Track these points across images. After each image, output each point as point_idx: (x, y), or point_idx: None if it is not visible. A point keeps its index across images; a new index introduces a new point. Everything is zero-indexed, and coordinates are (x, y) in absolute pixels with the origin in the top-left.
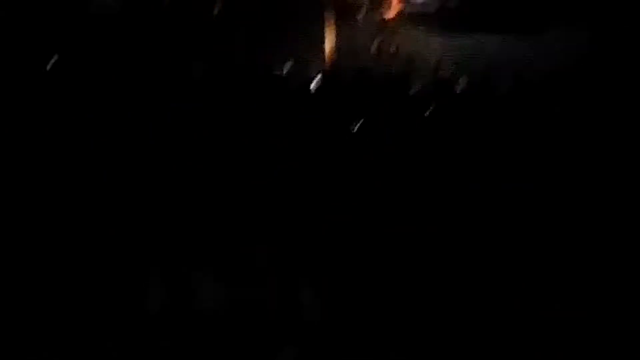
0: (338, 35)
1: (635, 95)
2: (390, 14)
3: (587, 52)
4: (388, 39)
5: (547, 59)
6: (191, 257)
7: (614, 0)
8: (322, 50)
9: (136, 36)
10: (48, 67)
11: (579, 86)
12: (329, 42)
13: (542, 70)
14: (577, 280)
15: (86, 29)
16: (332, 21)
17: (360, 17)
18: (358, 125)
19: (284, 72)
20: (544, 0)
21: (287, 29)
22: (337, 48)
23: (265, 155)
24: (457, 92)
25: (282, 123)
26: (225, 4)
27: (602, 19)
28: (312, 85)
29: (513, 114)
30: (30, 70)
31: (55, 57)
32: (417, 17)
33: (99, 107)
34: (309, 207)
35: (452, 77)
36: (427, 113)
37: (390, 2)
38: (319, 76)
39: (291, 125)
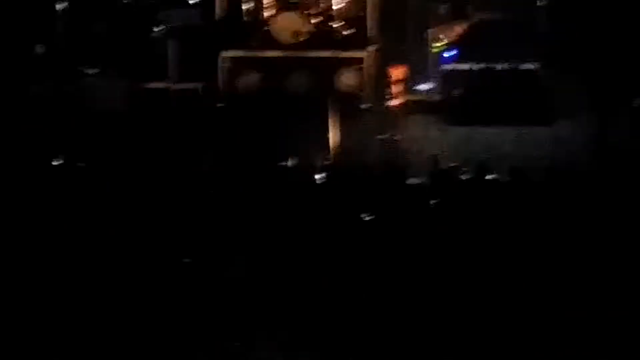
0: (343, 126)
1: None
2: (394, 102)
3: (591, 147)
4: (391, 128)
5: (551, 152)
6: None
7: (620, 93)
8: (327, 141)
9: (143, 132)
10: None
11: (581, 181)
12: (334, 133)
13: (545, 163)
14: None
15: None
16: (337, 111)
17: (364, 106)
18: (361, 216)
19: (289, 164)
20: (549, 94)
21: (293, 120)
22: (342, 138)
23: (272, 247)
24: (459, 183)
25: (286, 214)
26: (230, 97)
27: (608, 113)
28: (317, 177)
29: (512, 205)
30: None
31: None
32: (421, 107)
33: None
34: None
35: (455, 168)
36: (430, 204)
37: (394, 92)
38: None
39: (296, 217)
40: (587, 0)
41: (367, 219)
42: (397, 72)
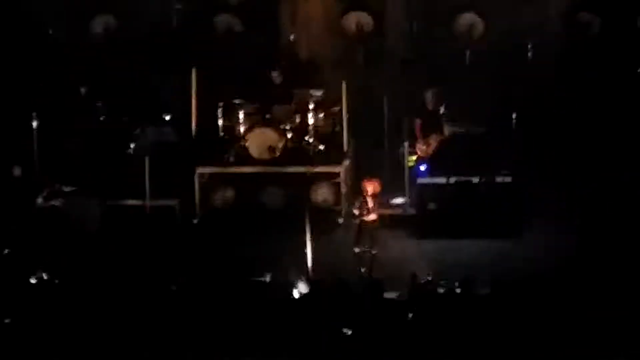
0: (319, 240)
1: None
2: (369, 217)
3: (567, 256)
4: (367, 243)
5: (525, 262)
6: None
7: (594, 202)
8: (305, 256)
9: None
10: None
11: (557, 290)
12: (311, 248)
13: (521, 274)
14: None
15: None
16: (314, 226)
17: (340, 221)
18: (338, 332)
19: (266, 279)
20: (520, 205)
21: (270, 235)
22: (319, 253)
23: None
24: (436, 296)
25: (263, 329)
26: (206, 213)
27: (583, 221)
28: (294, 292)
29: (491, 317)
30: None
31: None
32: (397, 221)
33: None
34: None
35: (431, 282)
36: (407, 318)
37: (369, 206)
38: (300, 283)
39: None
40: (559, 114)
41: (348, 333)
42: (371, 186)
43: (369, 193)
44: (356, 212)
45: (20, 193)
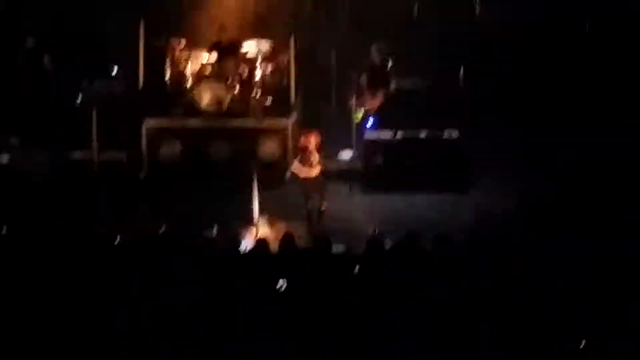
0: (266, 196)
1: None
2: (312, 171)
3: (512, 211)
4: (313, 196)
5: (471, 217)
6: None
7: (540, 158)
8: (251, 211)
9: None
10: None
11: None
12: (257, 203)
13: (467, 229)
14: None
15: None
16: (261, 180)
17: (287, 176)
18: (285, 286)
19: (213, 233)
20: (467, 160)
21: (218, 191)
22: (265, 208)
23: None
24: (383, 250)
25: (208, 284)
26: (153, 166)
27: (529, 177)
28: (241, 248)
29: (436, 272)
30: None
31: None
32: (343, 175)
33: None
34: None
35: (377, 235)
36: (354, 272)
37: (310, 160)
38: (247, 239)
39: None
40: (507, 68)
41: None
42: (310, 140)
43: (309, 147)
44: (296, 166)
45: None
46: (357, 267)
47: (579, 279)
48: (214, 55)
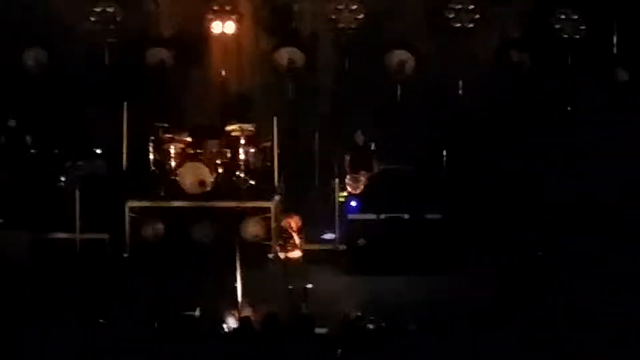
0: (250, 275)
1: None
2: (294, 253)
3: (489, 291)
4: (295, 278)
5: (453, 299)
6: None
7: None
8: (234, 291)
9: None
10: None
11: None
12: (241, 283)
13: (448, 311)
14: None
15: None
16: (244, 261)
17: (270, 256)
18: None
19: (196, 313)
20: (444, 243)
21: (199, 269)
22: (249, 288)
23: None
24: (365, 332)
25: None
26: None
27: (503, 260)
28: (224, 327)
29: (419, 354)
30: None
31: None
32: (327, 256)
33: None
34: None
35: (360, 318)
36: (337, 353)
37: (293, 242)
38: (230, 319)
39: None
40: (489, 152)
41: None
42: (292, 222)
43: (291, 229)
44: (278, 249)
45: None
46: (339, 351)
47: None
48: (196, 138)
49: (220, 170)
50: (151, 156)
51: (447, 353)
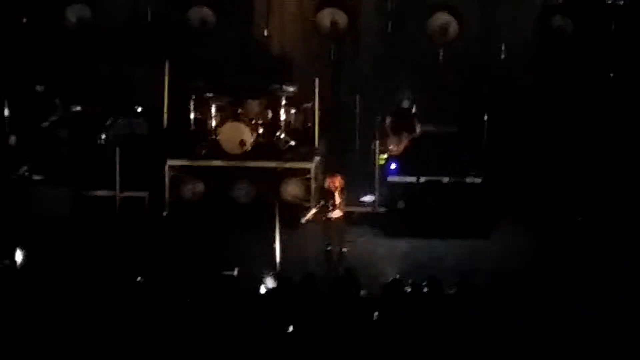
0: (288, 236)
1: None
2: (335, 214)
3: (529, 255)
4: (335, 240)
5: (493, 263)
6: None
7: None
8: (273, 251)
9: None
10: None
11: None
12: (279, 244)
13: (488, 274)
14: None
15: None
16: (283, 222)
17: (307, 218)
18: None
19: (234, 273)
20: (488, 206)
21: (239, 229)
22: (287, 249)
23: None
24: (404, 295)
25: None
26: (176, 206)
27: (550, 223)
28: (262, 288)
29: (458, 317)
30: None
31: None
32: (366, 219)
33: None
34: None
35: (399, 280)
36: (374, 316)
37: (335, 202)
38: (269, 279)
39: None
40: (530, 116)
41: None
42: (334, 182)
43: (333, 189)
44: (318, 209)
45: None
46: (377, 312)
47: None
48: (238, 97)
49: (260, 131)
50: (192, 115)
51: (485, 317)
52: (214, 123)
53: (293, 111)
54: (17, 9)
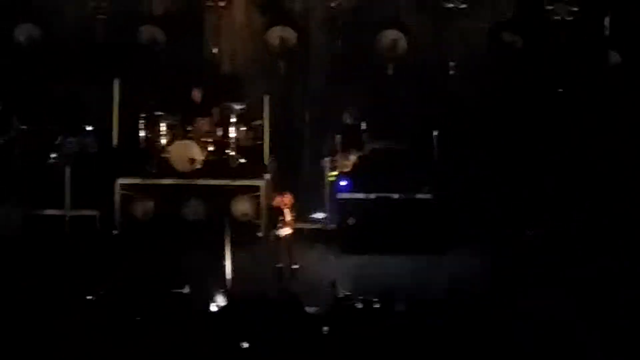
0: (239, 253)
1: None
2: (284, 231)
3: (482, 273)
4: (285, 257)
5: (443, 279)
6: None
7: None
8: (224, 269)
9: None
10: None
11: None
12: (230, 261)
13: (437, 289)
14: None
15: None
16: (233, 240)
17: (259, 235)
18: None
19: (185, 291)
20: (439, 222)
21: (189, 247)
22: (238, 266)
23: None
24: (354, 311)
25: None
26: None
27: (498, 238)
28: (212, 305)
29: (408, 334)
30: None
31: None
32: (316, 235)
33: None
34: None
35: (349, 297)
36: (323, 332)
37: (286, 220)
38: (219, 297)
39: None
40: (480, 131)
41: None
42: (284, 200)
43: (282, 206)
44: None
45: None
46: (326, 328)
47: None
48: (187, 116)
49: (210, 149)
50: (142, 134)
51: (435, 334)
52: (164, 141)
53: (243, 129)
54: None
